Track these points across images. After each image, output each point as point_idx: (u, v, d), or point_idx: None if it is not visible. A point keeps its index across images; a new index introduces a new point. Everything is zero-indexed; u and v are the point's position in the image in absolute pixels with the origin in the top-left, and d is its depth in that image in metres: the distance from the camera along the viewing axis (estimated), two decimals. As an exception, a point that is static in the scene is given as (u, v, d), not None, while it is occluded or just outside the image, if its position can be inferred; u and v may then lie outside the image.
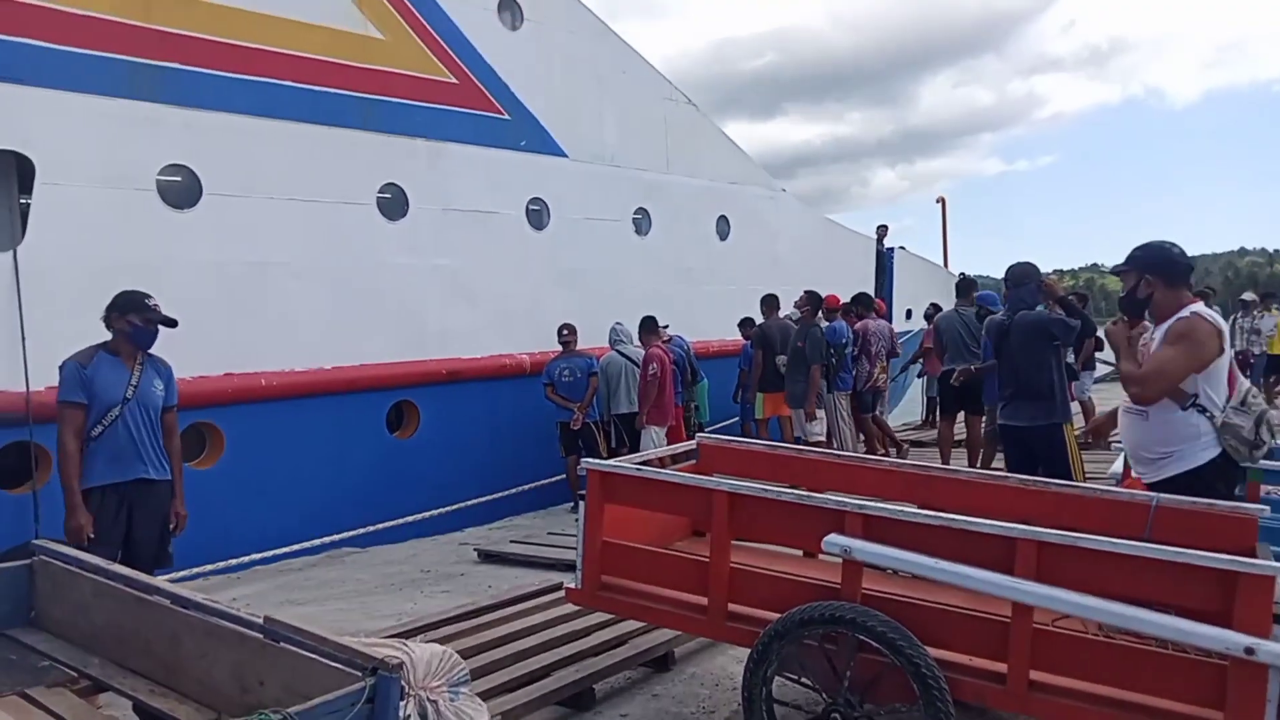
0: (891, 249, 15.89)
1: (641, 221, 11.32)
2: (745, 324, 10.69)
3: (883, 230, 16.02)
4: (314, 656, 2.55)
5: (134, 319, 4.53)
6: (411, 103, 8.87)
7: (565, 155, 10.39)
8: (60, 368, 4.47)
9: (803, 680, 3.31)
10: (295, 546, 7.29)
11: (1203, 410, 3.68)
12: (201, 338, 7.17)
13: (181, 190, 7.33)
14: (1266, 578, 2.80)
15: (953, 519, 3.21)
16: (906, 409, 15.14)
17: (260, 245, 7.67)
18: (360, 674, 2.40)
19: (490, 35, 9.65)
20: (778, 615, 3.27)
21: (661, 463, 4.32)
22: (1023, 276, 5.85)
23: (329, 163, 8.17)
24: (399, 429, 8.60)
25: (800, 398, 8.70)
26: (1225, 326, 3.97)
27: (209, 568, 6.69)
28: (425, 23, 9.03)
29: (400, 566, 5.99)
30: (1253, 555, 3.17)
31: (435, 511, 8.16)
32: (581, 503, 3.73)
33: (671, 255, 11.46)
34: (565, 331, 9.07)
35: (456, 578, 6.40)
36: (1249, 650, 2.71)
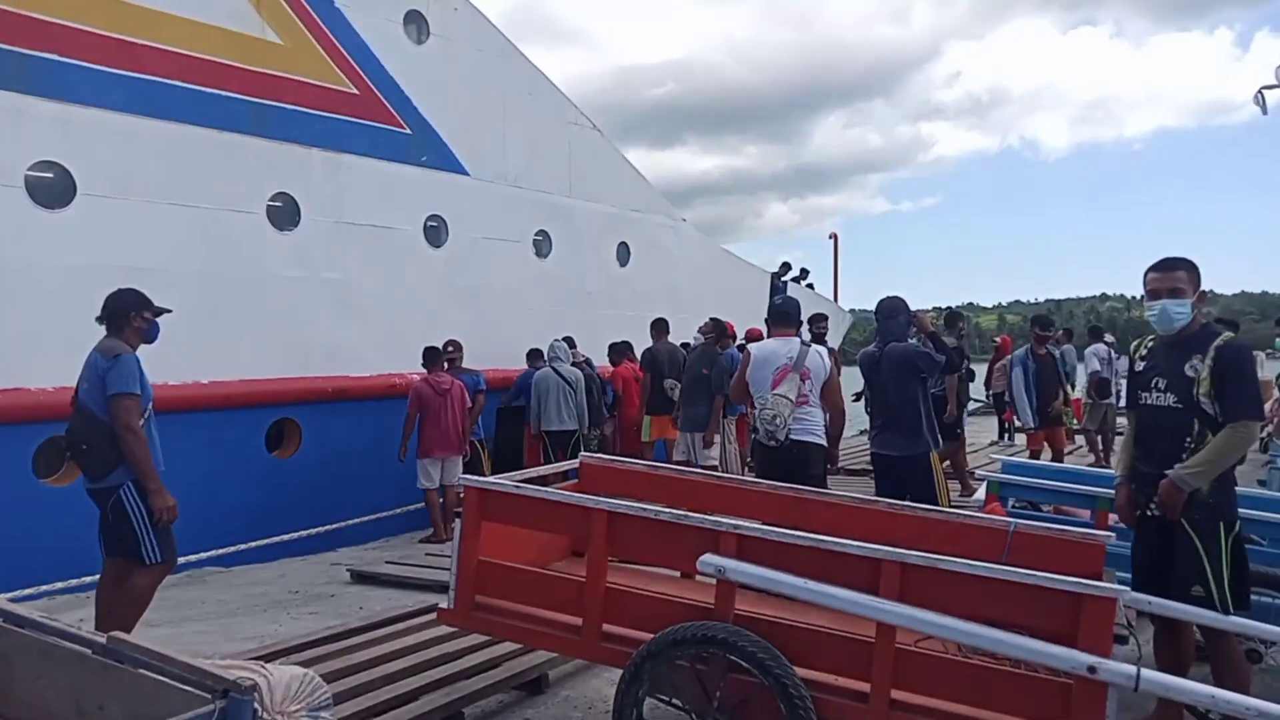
0: (785, 281, 16.24)
1: (542, 244, 11.30)
2: (628, 348, 10.60)
3: (785, 267, 16.51)
4: (160, 678, 2.42)
5: (147, 315, 4.72)
6: (308, 111, 8.67)
7: (467, 173, 10.30)
8: (122, 359, 4.48)
9: (674, 701, 3.31)
10: None
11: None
12: (69, 347, 6.79)
13: (53, 189, 6.96)
14: (1108, 599, 2.94)
15: (822, 540, 3.28)
16: None
17: (137, 250, 7.33)
18: (210, 696, 2.29)
19: (394, 47, 9.53)
20: (652, 636, 3.28)
21: (545, 481, 4.28)
22: (893, 310, 6.01)
23: (216, 168, 7.89)
24: (279, 448, 8.29)
25: (701, 422, 8.74)
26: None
27: (59, 585, 6.29)
28: (326, 30, 8.85)
29: (266, 587, 5.75)
30: (1099, 578, 3.35)
31: (307, 532, 7.85)
32: (458, 520, 3.67)
33: (571, 279, 11.46)
34: (451, 348, 8.94)
35: (326, 599, 6.18)
36: (1091, 669, 2.84)
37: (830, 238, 18.50)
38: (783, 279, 15.96)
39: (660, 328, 9.85)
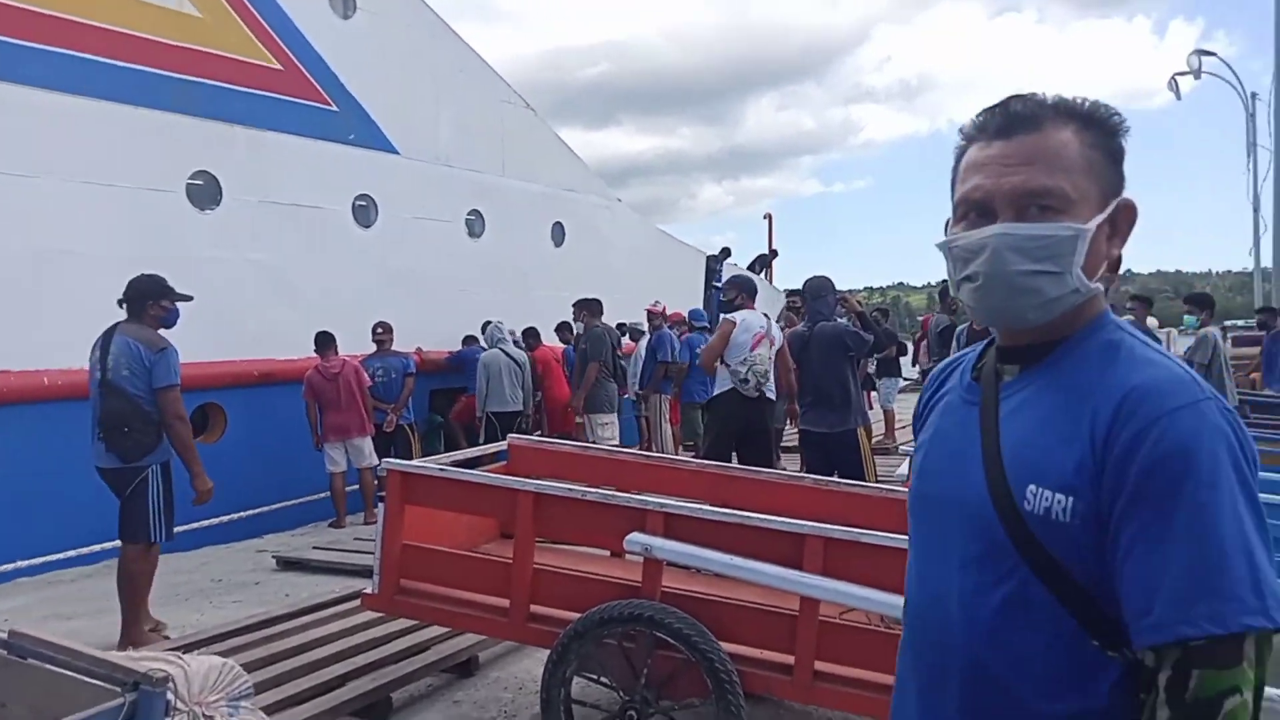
0: (722, 264, 16.40)
1: (474, 223, 11.17)
2: (563, 328, 10.77)
3: (726, 253, 16.65)
4: (67, 673, 2.34)
5: (166, 303, 4.91)
6: (230, 87, 8.40)
7: (397, 152, 10.11)
8: (168, 353, 4.74)
9: (601, 679, 3.33)
10: (63, 555, 6.66)
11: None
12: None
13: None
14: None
15: (748, 517, 3.32)
16: None
17: (50, 231, 7.05)
18: (119, 690, 2.23)
19: (320, 23, 9.28)
20: (579, 615, 3.29)
21: (473, 464, 4.25)
22: (820, 289, 6.12)
23: (133, 145, 7.61)
24: (203, 433, 8.08)
25: (597, 402, 8.88)
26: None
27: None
28: (248, 4, 8.58)
29: (189, 576, 5.62)
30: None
31: (229, 517, 7.59)
32: (380, 504, 3.63)
33: (505, 259, 11.36)
34: (380, 330, 8.83)
35: (250, 586, 6.06)
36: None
37: (765, 219, 18.71)
38: (720, 262, 16.15)
39: (593, 309, 9.85)
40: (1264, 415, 7.68)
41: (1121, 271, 3.77)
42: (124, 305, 4.87)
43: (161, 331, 4.88)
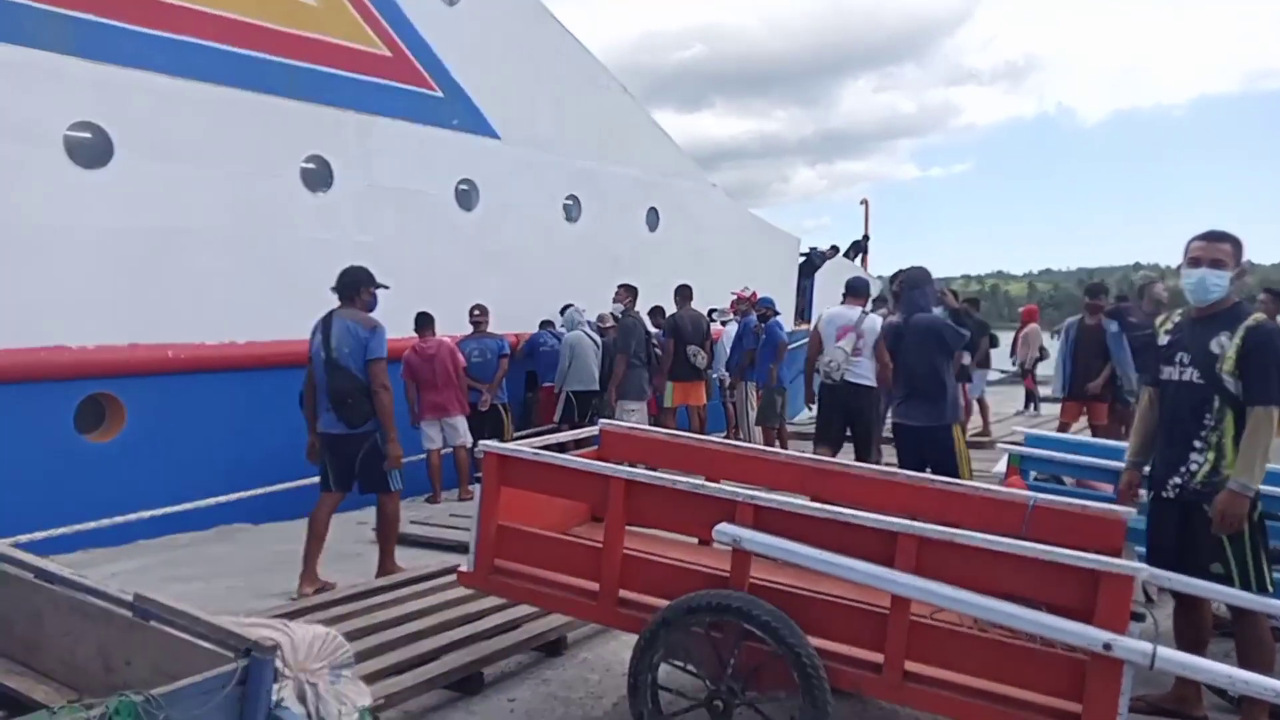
0: (824, 254, 16.23)
1: (572, 208, 11.28)
2: (656, 313, 10.79)
3: (834, 250, 16.51)
4: (185, 636, 2.50)
5: (374, 289, 5.68)
6: (341, 73, 8.68)
7: (498, 137, 10.28)
8: (379, 330, 5.48)
9: (688, 667, 3.36)
10: (178, 509, 6.97)
11: None
12: (104, 305, 6.96)
13: (90, 149, 7.06)
14: (1126, 577, 2.92)
15: (839, 512, 3.29)
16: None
17: (172, 212, 7.43)
18: (233, 655, 2.36)
19: (427, 10, 9.48)
20: (667, 602, 3.32)
21: (563, 447, 4.32)
22: (917, 280, 6.00)
23: (249, 130, 7.94)
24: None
25: (624, 387, 8.89)
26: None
27: (91, 527, 6.44)
28: (358, -8, 8.83)
29: (294, 545, 5.83)
30: (1118, 555, 3.32)
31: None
32: (478, 485, 3.72)
33: (600, 244, 11.45)
34: (476, 312, 9.05)
35: (352, 558, 6.27)
36: (1107, 646, 2.84)
37: (861, 204, 18.35)
38: (824, 259, 16.05)
39: (684, 294, 9.86)
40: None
41: (1244, 266, 3.58)
42: (338, 292, 5.59)
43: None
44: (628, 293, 9.50)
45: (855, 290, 7.37)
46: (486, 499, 3.68)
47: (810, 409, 7.94)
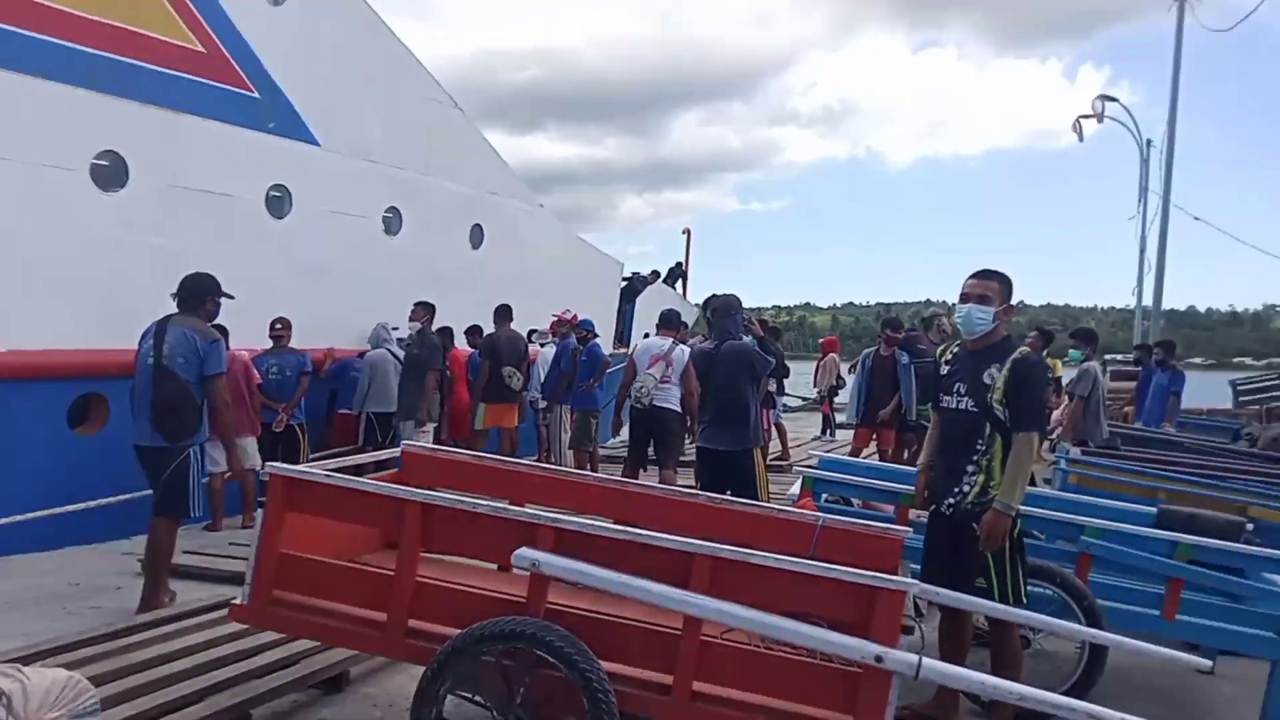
0: (646, 279, 16.56)
1: (392, 221, 10.96)
2: (473, 332, 10.62)
3: (655, 275, 16.93)
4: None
5: (218, 299, 5.53)
6: (147, 65, 8.08)
7: (317, 143, 9.86)
8: (219, 344, 5.33)
9: (476, 699, 3.29)
10: None
11: None
12: None
13: None
14: (900, 592, 3.11)
15: (637, 533, 3.33)
16: None
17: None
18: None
19: (248, 7, 8.98)
20: (460, 631, 3.24)
21: (362, 470, 4.17)
22: (728, 308, 6.19)
23: (36, 120, 7.25)
24: (83, 423, 7.70)
25: (410, 408, 8.76)
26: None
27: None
28: (173, -18, 8.27)
29: (44, 579, 5.32)
30: (895, 572, 3.54)
31: (84, 505, 6.86)
32: (259, 509, 3.52)
33: (421, 259, 11.18)
34: (279, 325, 8.57)
35: (110, 591, 5.72)
36: (879, 658, 3.00)
37: (684, 233, 18.80)
38: (645, 284, 16.39)
39: (504, 314, 9.79)
40: (1133, 448, 8.06)
41: (1015, 303, 3.93)
42: (179, 299, 5.41)
43: None
44: (425, 311, 9.26)
45: (667, 322, 8.12)
46: (268, 525, 3.47)
47: (617, 435, 8.37)
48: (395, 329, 9.65)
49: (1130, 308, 22.29)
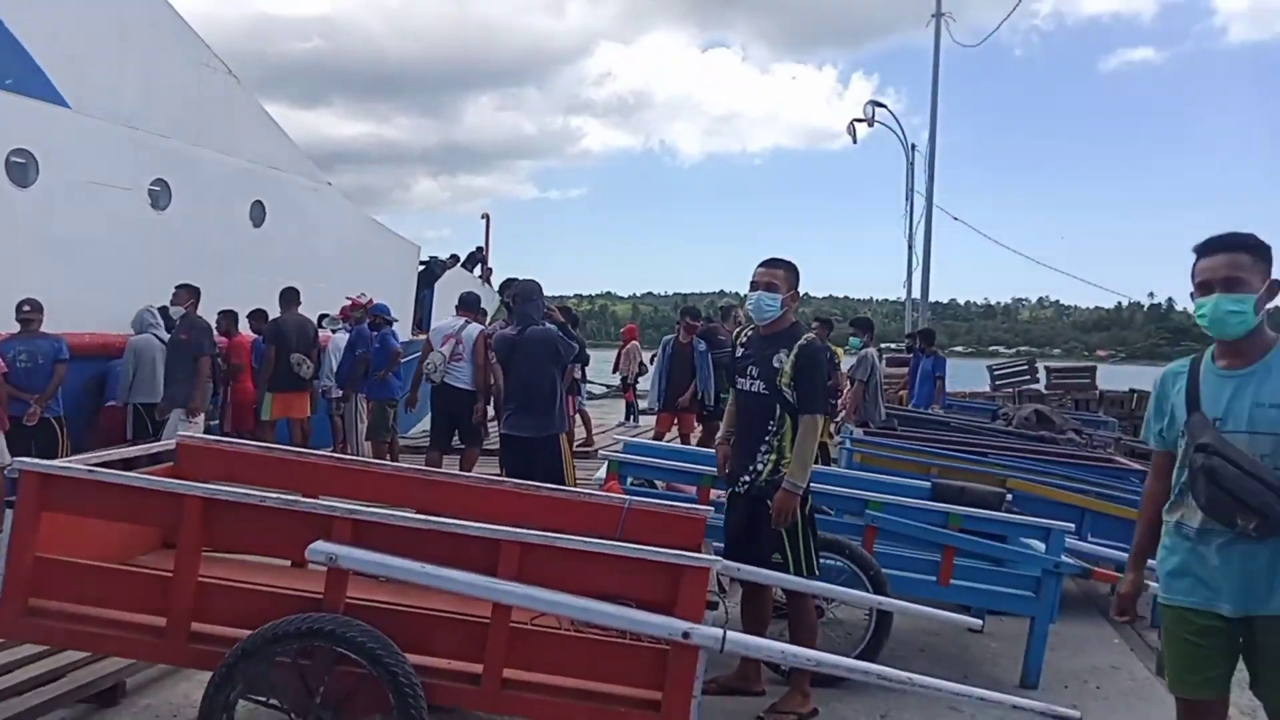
0: (445, 263, 16.16)
1: (160, 194, 10.04)
2: (257, 316, 9.86)
3: (454, 259, 16.53)
4: None
5: None
6: None
7: (67, 105, 8.85)
8: None
9: (271, 702, 3.08)
10: None
11: None
12: None
13: None
14: (703, 569, 3.18)
15: (442, 522, 3.22)
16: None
17: None
18: None
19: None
20: (251, 632, 3.01)
21: (133, 464, 3.77)
22: (529, 293, 6.09)
23: None
24: None
25: (183, 397, 7.97)
26: None
27: None
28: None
29: None
30: (698, 550, 3.63)
31: None
32: (9, 511, 3.11)
33: (194, 236, 10.31)
34: (27, 308, 7.58)
35: None
36: (686, 634, 3.06)
37: (482, 218, 18.56)
38: (444, 268, 16.00)
39: (290, 298, 9.19)
40: (909, 428, 8.75)
41: (801, 294, 4.08)
42: None
43: None
44: (189, 294, 8.38)
45: (466, 304, 8.21)
46: (19, 528, 3.05)
47: (414, 409, 8.61)
48: (164, 310, 8.79)
49: (901, 300, 24.16)
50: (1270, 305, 2.72)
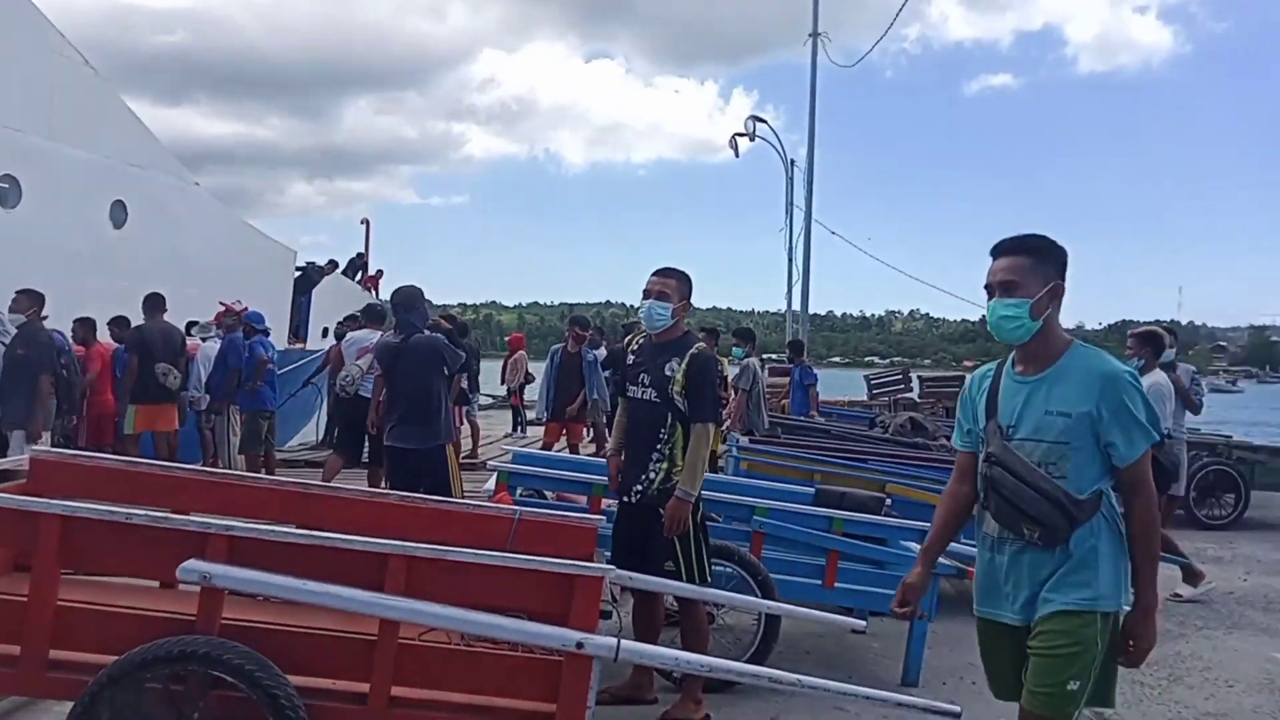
0: (323, 269, 15.73)
1: (9, 192, 9.37)
2: (118, 323, 9.27)
3: (333, 265, 16.19)
4: None
5: None
6: None
7: (-101, 92, 8.17)
8: None
9: (140, 731, 2.88)
10: None
11: None
12: None
13: None
14: (596, 579, 3.17)
15: (325, 537, 3.10)
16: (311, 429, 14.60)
17: None
18: None
19: None
20: (116, 658, 2.82)
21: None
22: (412, 299, 5.96)
23: None
24: None
25: (21, 418, 7.40)
26: None
27: None
28: None
29: None
30: (590, 559, 3.61)
31: None
32: None
33: (47, 237, 9.65)
34: None
35: None
36: (580, 644, 3.03)
37: (362, 223, 18.21)
38: (322, 275, 15.61)
39: (155, 304, 8.70)
40: (791, 435, 8.98)
41: (689, 304, 4.10)
42: None
43: None
44: (31, 300, 7.81)
45: (372, 315, 8.65)
46: None
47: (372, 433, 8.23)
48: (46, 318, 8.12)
49: (782, 311, 24.72)
50: (1050, 309, 2.65)
